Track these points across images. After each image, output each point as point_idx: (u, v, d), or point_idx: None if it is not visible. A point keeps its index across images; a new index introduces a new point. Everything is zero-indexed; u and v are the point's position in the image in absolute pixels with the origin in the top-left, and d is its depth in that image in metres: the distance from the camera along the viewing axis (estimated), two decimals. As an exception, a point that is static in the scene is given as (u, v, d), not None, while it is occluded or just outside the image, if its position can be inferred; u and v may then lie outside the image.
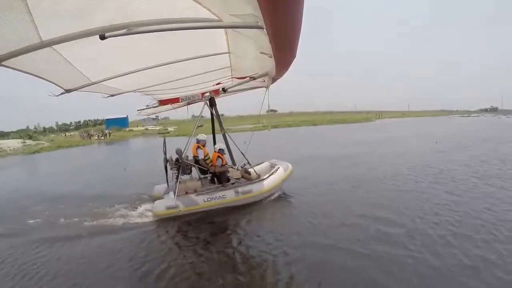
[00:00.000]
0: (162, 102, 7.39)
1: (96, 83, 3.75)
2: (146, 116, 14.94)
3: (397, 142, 18.52)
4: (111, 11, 2.04)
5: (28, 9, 1.68)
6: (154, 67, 3.87)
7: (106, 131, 45.75)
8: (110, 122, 56.28)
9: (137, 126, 56.24)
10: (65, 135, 53.48)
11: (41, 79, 2.89)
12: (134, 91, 5.38)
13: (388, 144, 17.56)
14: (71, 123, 79.88)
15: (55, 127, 77.94)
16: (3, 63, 2.05)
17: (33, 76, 2.69)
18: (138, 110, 8.62)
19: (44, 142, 40.36)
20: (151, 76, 4.46)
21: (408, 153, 13.77)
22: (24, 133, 50.60)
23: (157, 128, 48.58)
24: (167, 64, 3.89)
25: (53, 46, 2.23)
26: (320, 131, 33.47)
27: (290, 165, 7.92)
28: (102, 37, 1.95)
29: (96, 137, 41.24)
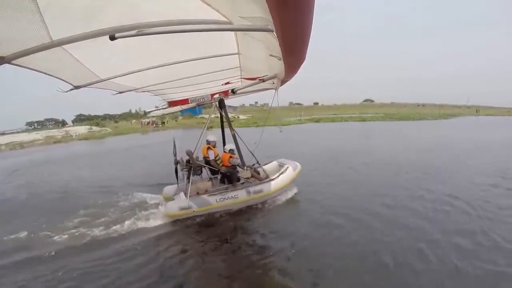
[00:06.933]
0: (172, 103, 7.35)
1: (105, 80, 3.79)
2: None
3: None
4: (121, 12, 2.04)
5: (39, 9, 1.69)
6: (163, 66, 3.88)
7: (180, 117, 47.24)
8: (184, 110, 57.57)
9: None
10: (131, 122, 57.60)
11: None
12: (143, 88, 5.41)
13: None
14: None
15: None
16: (13, 61, 2.07)
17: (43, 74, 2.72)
18: (147, 112, 8.70)
19: (107, 129, 44.21)
20: (160, 75, 4.47)
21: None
22: (94, 121, 59.49)
23: (231, 116, 45.80)
24: (176, 63, 3.89)
25: (63, 46, 2.24)
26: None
27: (298, 165, 7.90)
28: (112, 38, 1.94)
29: (153, 125, 42.98)
